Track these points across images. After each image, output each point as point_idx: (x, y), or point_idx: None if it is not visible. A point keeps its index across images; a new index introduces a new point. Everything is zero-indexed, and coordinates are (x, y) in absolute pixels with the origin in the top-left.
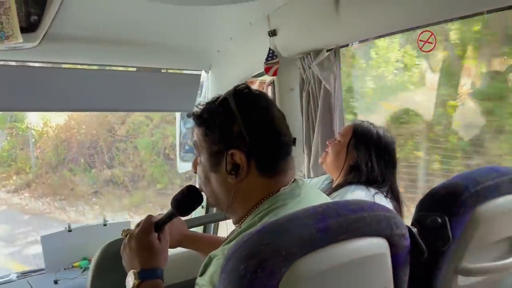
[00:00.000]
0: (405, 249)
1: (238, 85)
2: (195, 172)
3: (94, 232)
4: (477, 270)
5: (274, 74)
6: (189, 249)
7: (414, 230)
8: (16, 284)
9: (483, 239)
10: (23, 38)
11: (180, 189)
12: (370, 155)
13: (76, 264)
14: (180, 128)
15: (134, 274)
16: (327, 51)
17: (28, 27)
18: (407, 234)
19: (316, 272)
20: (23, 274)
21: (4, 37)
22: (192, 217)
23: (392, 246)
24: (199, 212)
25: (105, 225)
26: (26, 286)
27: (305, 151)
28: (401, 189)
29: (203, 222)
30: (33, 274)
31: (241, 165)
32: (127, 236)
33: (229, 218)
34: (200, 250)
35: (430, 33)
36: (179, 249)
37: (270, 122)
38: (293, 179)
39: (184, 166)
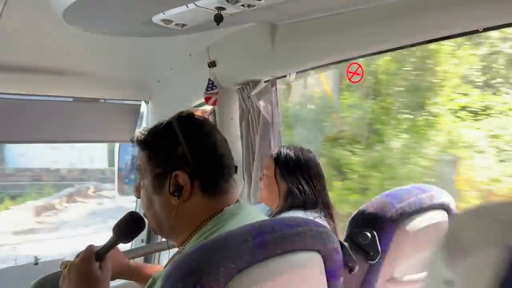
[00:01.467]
0: (339, 262)
1: (182, 111)
2: (138, 197)
3: (24, 273)
4: (406, 280)
5: (214, 103)
6: (129, 280)
7: (346, 244)
8: None
9: (410, 251)
10: None
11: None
12: (297, 177)
13: None
14: (118, 161)
15: None
16: (265, 82)
17: None
18: (339, 248)
19: (255, 286)
20: None
21: None
22: (133, 247)
23: (326, 260)
24: (139, 245)
25: (36, 264)
26: None
27: (245, 179)
28: None
29: (144, 252)
30: None
31: (184, 186)
32: (67, 267)
33: (171, 246)
34: (140, 280)
35: (358, 65)
36: (118, 281)
37: (212, 145)
38: (236, 200)
39: (123, 200)
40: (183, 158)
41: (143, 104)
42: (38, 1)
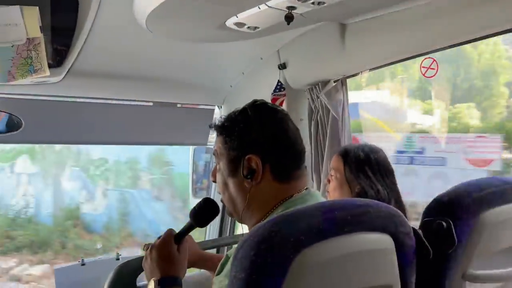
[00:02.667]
0: (411, 248)
1: (257, 100)
2: (214, 181)
3: (107, 266)
4: (484, 276)
5: (280, 105)
6: (203, 269)
7: (420, 232)
8: None
9: (489, 245)
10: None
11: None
12: (369, 176)
13: None
14: (193, 164)
15: (154, 281)
16: (335, 81)
17: (54, 62)
18: (412, 234)
19: (323, 260)
20: None
21: (33, 71)
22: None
23: (397, 244)
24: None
25: (117, 259)
26: None
27: (314, 179)
28: None
29: (217, 244)
30: None
31: (256, 169)
32: (149, 248)
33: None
34: (213, 269)
35: (432, 60)
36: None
37: (284, 132)
38: (306, 187)
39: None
40: (255, 143)
41: (216, 108)
42: (122, 12)
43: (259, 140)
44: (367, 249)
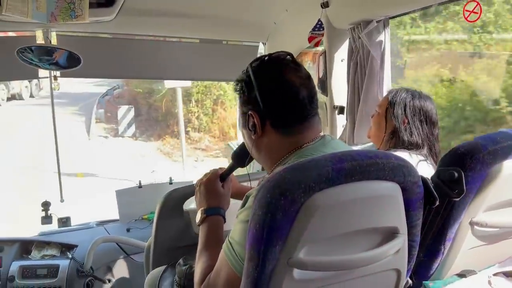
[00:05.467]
0: (418, 195)
1: (265, 55)
2: None
3: (161, 189)
4: (492, 224)
5: (316, 45)
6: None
7: (429, 180)
8: (95, 230)
9: (499, 195)
10: (101, 13)
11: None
12: (407, 118)
13: (145, 216)
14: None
15: (201, 211)
16: (377, 21)
17: (106, 2)
18: (420, 182)
19: (331, 204)
20: (101, 223)
21: (74, 16)
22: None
23: (405, 191)
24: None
25: (170, 183)
26: (104, 232)
27: (348, 119)
28: None
29: (253, 178)
30: (109, 223)
31: (256, 124)
32: (198, 185)
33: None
34: None
35: (476, 3)
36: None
37: (285, 89)
38: (320, 136)
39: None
40: (255, 100)
41: (260, 45)
42: None
43: (258, 98)
44: (374, 195)
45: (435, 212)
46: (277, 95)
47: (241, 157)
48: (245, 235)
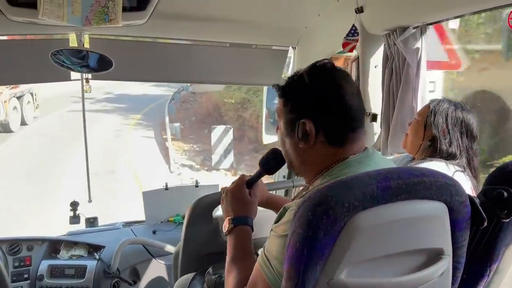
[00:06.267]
0: (465, 215)
1: (318, 61)
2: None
3: (187, 192)
4: None
5: (351, 50)
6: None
7: (476, 200)
8: (122, 231)
9: None
10: (133, 16)
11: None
12: (447, 128)
13: (171, 219)
14: (266, 103)
15: (228, 220)
16: (414, 28)
17: (138, 5)
18: (468, 202)
19: (375, 224)
20: (128, 224)
21: (107, 20)
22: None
23: (452, 210)
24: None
25: (196, 186)
26: (130, 233)
27: (382, 127)
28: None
29: (273, 187)
30: (136, 224)
31: (309, 133)
32: (224, 192)
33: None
34: (277, 210)
35: None
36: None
37: (340, 97)
38: (364, 148)
39: (268, 138)
40: (310, 107)
41: (290, 49)
42: None
43: (314, 105)
44: (419, 215)
45: (481, 233)
46: (333, 104)
47: (271, 164)
48: (283, 250)
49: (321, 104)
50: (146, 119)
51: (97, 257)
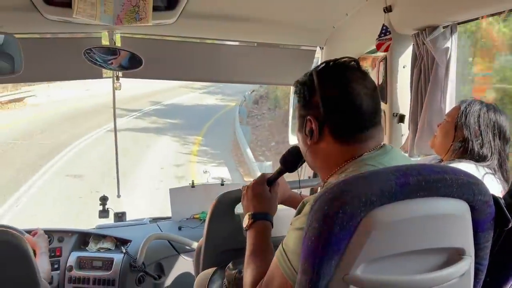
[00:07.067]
0: (489, 215)
1: (334, 59)
2: None
3: (213, 189)
4: None
5: (386, 50)
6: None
7: (502, 201)
8: (148, 226)
9: None
10: (163, 16)
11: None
12: (479, 130)
13: (197, 216)
14: (293, 102)
15: (249, 215)
16: (444, 27)
17: (168, 5)
18: (491, 202)
19: (392, 220)
20: (154, 220)
21: (138, 19)
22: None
23: (474, 210)
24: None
25: (222, 184)
26: (156, 228)
27: (410, 128)
28: None
29: (304, 185)
30: (162, 220)
31: (314, 129)
32: (245, 189)
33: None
34: None
35: None
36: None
37: (348, 96)
38: (381, 145)
39: (294, 139)
40: (316, 105)
41: (318, 49)
42: None
43: (320, 103)
44: (439, 213)
45: (506, 235)
46: (339, 103)
47: (290, 161)
48: (299, 243)
49: (327, 102)
50: (210, 142)
51: (124, 250)
